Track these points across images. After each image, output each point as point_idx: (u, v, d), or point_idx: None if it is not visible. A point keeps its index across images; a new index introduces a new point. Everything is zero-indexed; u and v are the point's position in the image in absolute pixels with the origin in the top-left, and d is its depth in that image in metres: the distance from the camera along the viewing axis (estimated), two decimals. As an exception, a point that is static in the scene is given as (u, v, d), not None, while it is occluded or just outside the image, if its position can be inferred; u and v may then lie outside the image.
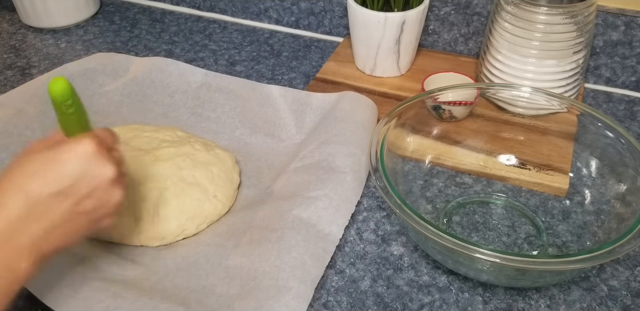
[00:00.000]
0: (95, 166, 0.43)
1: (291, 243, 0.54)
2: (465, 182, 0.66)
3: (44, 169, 0.41)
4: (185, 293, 0.52)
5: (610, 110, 0.76)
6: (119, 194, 0.45)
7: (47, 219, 0.41)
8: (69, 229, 0.43)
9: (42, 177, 0.41)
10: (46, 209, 0.41)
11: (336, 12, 0.87)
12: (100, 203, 0.44)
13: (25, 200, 0.40)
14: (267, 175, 0.66)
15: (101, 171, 0.43)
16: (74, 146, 0.42)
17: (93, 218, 0.44)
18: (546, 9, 0.65)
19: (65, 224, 0.42)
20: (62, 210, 0.42)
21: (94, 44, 0.88)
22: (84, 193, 0.42)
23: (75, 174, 0.42)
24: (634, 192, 0.55)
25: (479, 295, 0.54)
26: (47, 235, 0.42)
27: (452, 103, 0.65)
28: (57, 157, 0.42)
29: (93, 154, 0.42)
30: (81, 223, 0.44)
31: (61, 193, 0.41)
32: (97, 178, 0.43)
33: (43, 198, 0.41)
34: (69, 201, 0.42)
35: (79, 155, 0.42)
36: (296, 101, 0.70)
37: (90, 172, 0.42)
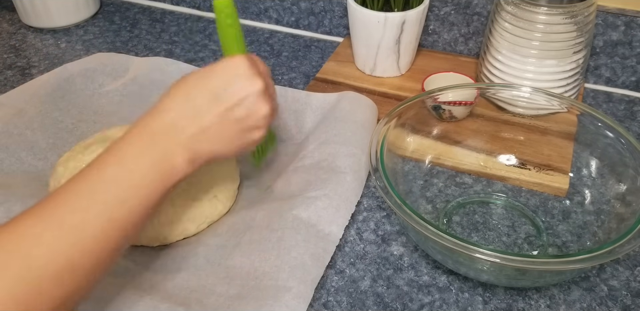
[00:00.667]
0: (246, 78, 0.48)
1: (291, 243, 0.54)
2: (465, 182, 0.66)
3: (202, 80, 0.48)
4: (185, 293, 0.52)
5: (610, 110, 0.76)
6: (267, 108, 0.49)
7: (204, 121, 0.47)
8: (222, 134, 0.48)
9: (201, 86, 0.47)
10: (203, 112, 0.47)
11: (336, 12, 0.87)
12: (250, 112, 0.48)
13: (186, 103, 0.46)
14: (267, 175, 0.66)
15: (251, 83, 0.48)
16: (228, 61, 0.48)
17: (243, 127, 0.49)
18: (546, 9, 0.65)
19: (218, 128, 0.47)
20: (215, 113, 0.47)
21: (94, 44, 0.88)
22: (234, 100, 0.47)
23: (229, 83, 0.47)
24: (634, 192, 0.55)
25: (479, 295, 0.54)
26: (201, 135, 0.47)
27: (452, 103, 0.65)
28: (214, 69, 0.48)
29: (245, 68, 0.48)
30: (233, 129, 0.48)
31: (216, 99, 0.47)
32: (247, 88, 0.48)
33: (201, 102, 0.47)
34: (221, 106, 0.47)
35: (232, 67, 0.48)
36: (296, 101, 0.70)
37: (241, 82, 0.48)
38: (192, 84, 0.48)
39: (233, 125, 0.48)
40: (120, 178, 0.43)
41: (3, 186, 0.61)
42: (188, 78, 0.48)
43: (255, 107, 0.48)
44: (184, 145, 0.46)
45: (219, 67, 0.48)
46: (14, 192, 0.60)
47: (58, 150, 0.67)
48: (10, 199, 0.59)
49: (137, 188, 0.43)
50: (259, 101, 0.48)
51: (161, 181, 0.44)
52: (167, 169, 0.45)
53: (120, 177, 0.43)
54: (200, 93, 0.47)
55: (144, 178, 0.43)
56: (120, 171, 0.43)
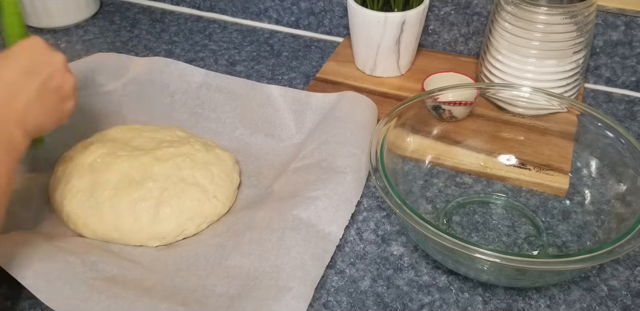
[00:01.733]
0: (47, 54, 0.52)
1: (291, 243, 0.54)
2: (465, 182, 0.66)
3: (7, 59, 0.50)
4: (185, 293, 0.52)
5: (610, 110, 0.76)
6: (72, 79, 0.54)
7: (23, 97, 0.49)
8: (44, 105, 0.51)
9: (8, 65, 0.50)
10: (21, 87, 0.49)
11: (336, 12, 0.87)
12: (60, 83, 0.53)
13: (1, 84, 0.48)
14: (267, 175, 0.66)
15: (53, 58, 0.53)
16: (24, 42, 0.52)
17: (60, 96, 0.53)
18: (546, 9, 0.65)
19: (40, 100, 0.50)
20: (33, 87, 0.50)
21: (94, 44, 0.88)
22: (45, 74, 0.51)
23: (34, 59, 0.51)
24: (634, 192, 0.55)
25: (479, 295, 0.54)
26: (28, 110, 0.49)
27: (452, 103, 0.65)
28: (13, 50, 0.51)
29: (42, 44, 0.52)
30: (52, 100, 0.52)
31: (28, 73, 0.50)
32: (51, 63, 0.52)
33: (15, 78, 0.49)
34: (36, 80, 0.50)
35: (31, 46, 0.52)
36: (296, 101, 0.70)
37: (45, 58, 0.52)
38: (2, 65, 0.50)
39: (51, 94, 0.52)
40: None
41: (3, 186, 0.60)
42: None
43: (63, 80, 0.53)
44: (16, 122, 0.48)
45: (18, 48, 0.51)
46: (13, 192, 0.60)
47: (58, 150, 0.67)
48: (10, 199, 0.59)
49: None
50: (64, 73, 0.53)
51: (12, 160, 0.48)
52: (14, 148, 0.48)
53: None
54: (12, 72, 0.49)
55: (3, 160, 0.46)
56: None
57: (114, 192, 0.58)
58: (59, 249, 0.54)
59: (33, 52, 0.51)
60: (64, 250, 0.54)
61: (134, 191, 0.59)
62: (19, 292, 0.51)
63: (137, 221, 0.58)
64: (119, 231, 0.58)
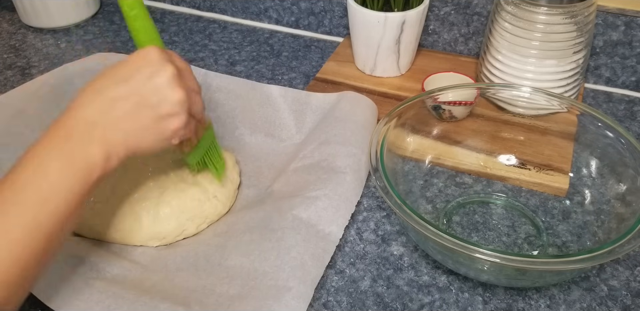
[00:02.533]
0: (156, 64, 0.46)
1: (291, 243, 0.54)
2: (465, 182, 0.66)
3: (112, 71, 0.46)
4: (185, 293, 0.52)
5: (610, 110, 0.76)
6: (182, 93, 0.47)
7: (112, 110, 0.44)
8: (134, 122, 0.45)
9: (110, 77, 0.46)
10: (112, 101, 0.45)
11: (336, 12, 0.87)
12: (163, 99, 0.46)
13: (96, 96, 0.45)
14: (267, 175, 0.66)
15: (162, 69, 0.46)
16: (140, 51, 0.47)
17: (159, 113, 0.46)
18: (546, 9, 0.65)
19: (130, 114, 0.45)
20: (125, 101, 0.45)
21: (94, 44, 0.88)
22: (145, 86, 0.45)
23: (137, 70, 0.46)
24: (634, 192, 0.55)
25: (479, 295, 0.54)
26: (113, 125, 0.44)
27: (452, 103, 0.65)
28: (124, 61, 0.47)
29: (153, 55, 0.46)
30: (146, 117, 0.46)
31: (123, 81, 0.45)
32: (157, 74, 0.46)
33: (109, 92, 0.45)
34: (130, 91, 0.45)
35: (141, 55, 0.46)
36: (296, 101, 0.70)
37: (151, 69, 0.46)
38: (102, 77, 0.46)
39: (146, 112, 0.46)
40: (37, 184, 0.42)
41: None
42: (101, 72, 0.47)
43: (168, 94, 0.46)
44: (98, 139, 0.44)
45: (129, 58, 0.47)
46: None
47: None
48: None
49: (56, 192, 0.42)
50: (170, 87, 0.46)
51: (79, 181, 0.43)
52: (83, 168, 0.43)
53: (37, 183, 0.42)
54: (110, 84, 0.45)
55: (60, 181, 0.42)
56: (36, 178, 0.42)
57: (113, 192, 0.59)
58: (59, 249, 0.54)
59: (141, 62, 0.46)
60: (64, 250, 0.54)
61: (134, 191, 0.59)
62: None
63: (137, 221, 0.58)
64: (119, 231, 0.58)
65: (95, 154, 0.43)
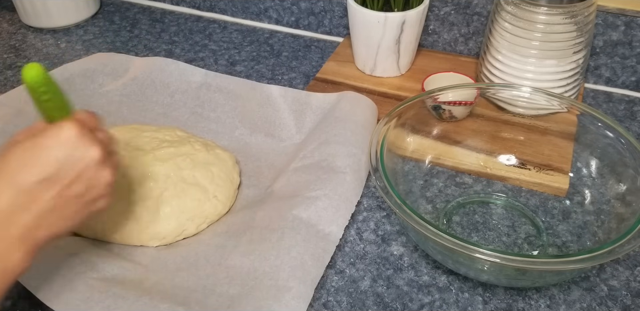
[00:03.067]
0: (79, 149, 0.42)
1: (291, 243, 0.54)
2: (465, 182, 0.66)
3: (27, 157, 0.41)
4: (185, 293, 0.52)
5: (610, 110, 0.76)
6: (109, 174, 0.44)
7: (36, 207, 0.41)
8: (62, 215, 0.43)
9: (27, 165, 0.41)
10: (34, 197, 0.41)
11: (336, 12, 0.87)
12: (90, 185, 0.43)
13: (12, 190, 0.40)
14: (267, 175, 0.66)
15: (86, 154, 0.42)
16: (55, 132, 0.42)
17: (86, 200, 0.44)
18: (546, 9, 0.65)
19: (57, 210, 0.42)
20: (50, 196, 0.41)
21: (94, 44, 0.88)
22: (71, 177, 0.42)
23: (60, 159, 0.41)
24: (634, 192, 0.55)
25: (479, 295, 0.54)
26: (38, 223, 0.41)
27: (452, 103, 0.65)
28: (40, 144, 0.41)
29: (76, 138, 0.42)
30: (74, 207, 0.43)
31: (47, 180, 0.41)
32: (82, 161, 0.42)
33: (29, 186, 0.40)
34: (56, 187, 0.41)
35: (61, 140, 0.42)
36: (296, 101, 0.70)
37: (75, 155, 0.42)
38: (16, 164, 0.41)
39: (74, 202, 0.43)
40: None
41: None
42: (9, 156, 0.41)
43: (96, 178, 0.43)
44: (19, 239, 0.40)
45: (46, 140, 0.41)
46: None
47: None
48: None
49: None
50: (97, 171, 0.43)
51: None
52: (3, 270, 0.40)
53: None
54: (28, 176, 0.40)
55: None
56: None
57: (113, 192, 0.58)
58: (59, 249, 0.54)
59: (64, 147, 0.41)
60: (64, 250, 0.54)
61: (134, 191, 0.59)
62: (19, 292, 0.51)
63: (137, 221, 0.58)
64: (119, 231, 0.58)
65: (17, 256, 0.40)
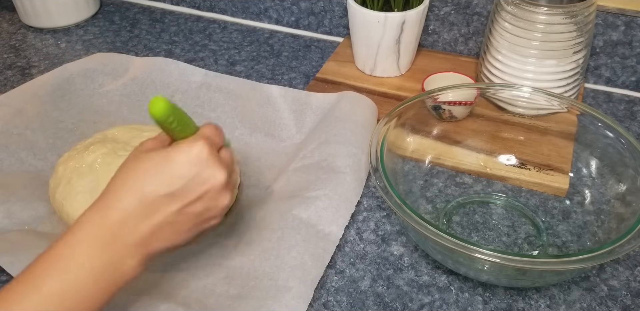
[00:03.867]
0: (208, 170, 0.43)
1: (291, 243, 0.54)
2: (465, 182, 0.66)
3: (157, 170, 0.42)
4: (185, 293, 0.52)
5: (610, 110, 0.76)
6: (228, 198, 0.46)
7: (156, 219, 0.42)
8: (176, 230, 0.44)
9: (155, 178, 0.42)
10: (157, 209, 0.42)
11: (336, 12, 0.87)
12: (209, 206, 0.44)
13: (138, 199, 0.42)
14: (267, 175, 0.66)
15: (213, 175, 0.44)
16: (188, 148, 0.43)
17: (202, 219, 0.45)
18: (546, 9, 0.65)
19: (173, 224, 0.43)
20: (171, 211, 0.43)
21: (94, 44, 0.88)
22: (195, 195, 0.43)
23: (188, 177, 0.42)
24: (634, 192, 0.55)
25: (479, 295, 0.54)
26: (154, 234, 0.42)
27: (452, 103, 0.65)
28: (172, 158, 0.43)
29: (206, 158, 0.43)
30: (190, 224, 0.44)
31: (173, 195, 0.42)
32: (208, 182, 0.43)
33: (155, 198, 0.42)
34: (179, 203, 0.43)
35: (193, 158, 0.43)
36: (296, 101, 0.70)
37: (203, 175, 0.43)
38: (145, 175, 0.42)
39: (190, 219, 0.44)
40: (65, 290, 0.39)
41: (3, 186, 0.61)
42: (139, 165, 0.43)
43: (216, 200, 0.45)
44: (135, 247, 0.42)
45: (176, 157, 0.43)
46: (13, 192, 0.60)
47: (58, 150, 0.67)
48: (10, 199, 0.59)
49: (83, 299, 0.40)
50: (219, 193, 0.44)
51: (109, 288, 0.41)
52: (116, 276, 0.41)
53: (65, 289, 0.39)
54: (154, 188, 0.42)
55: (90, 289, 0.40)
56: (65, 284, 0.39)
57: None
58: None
59: (194, 165, 0.43)
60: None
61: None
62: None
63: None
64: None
65: (131, 263, 0.42)
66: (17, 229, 0.57)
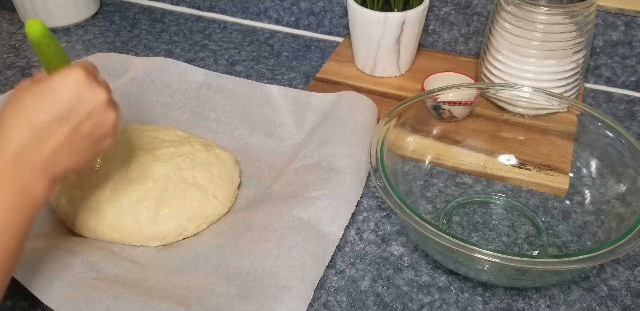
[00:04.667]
0: (89, 91, 0.46)
1: (291, 243, 0.54)
2: (465, 182, 0.66)
3: (42, 98, 0.44)
4: (185, 293, 0.52)
5: (610, 110, 0.76)
6: (114, 116, 0.48)
7: (53, 142, 0.45)
8: (74, 151, 0.46)
9: (42, 105, 0.44)
10: (51, 133, 0.44)
11: (336, 12, 0.87)
12: (98, 124, 0.47)
13: (30, 128, 0.44)
14: (267, 175, 0.66)
15: (95, 95, 0.46)
16: (65, 75, 0.45)
17: (95, 138, 0.48)
18: (546, 9, 0.65)
19: (70, 145, 0.46)
20: (65, 132, 0.45)
21: (94, 44, 0.88)
22: (82, 115, 0.46)
23: (72, 99, 0.45)
24: (634, 192, 0.55)
25: (479, 295, 0.54)
26: (55, 156, 0.45)
27: (452, 103, 0.65)
28: (53, 86, 0.45)
29: (85, 80, 0.46)
30: (84, 144, 0.47)
31: (62, 117, 0.45)
32: (92, 101, 0.46)
33: (46, 123, 0.44)
34: (70, 124, 0.45)
35: (72, 82, 0.45)
36: (296, 101, 0.70)
37: (85, 96, 0.46)
38: (30, 104, 0.44)
39: (84, 139, 0.47)
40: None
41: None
42: (23, 97, 0.45)
43: (103, 118, 0.47)
44: (40, 172, 0.44)
45: (56, 83, 0.45)
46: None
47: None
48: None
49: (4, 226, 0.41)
50: (104, 112, 0.47)
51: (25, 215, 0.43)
52: (29, 203, 0.43)
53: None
54: (42, 114, 0.44)
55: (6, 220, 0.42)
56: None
57: (113, 192, 0.58)
58: (59, 249, 0.54)
59: (74, 88, 0.45)
60: (64, 250, 0.54)
61: (134, 191, 0.59)
62: (18, 292, 0.51)
63: (137, 221, 0.58)
64: (119, 231, 0.58)
65: (40, 188, 0.44)
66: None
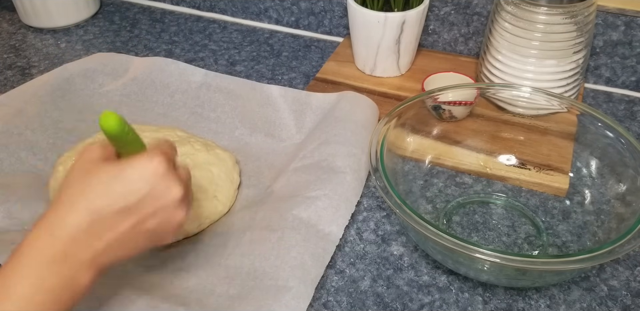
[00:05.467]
0: (164, 185, 0.42)
1: (291, 243, 0.54)
2: (465, 182, 0.66)
3: (112, 184, 0.41)
4: (185, 293, 0.52)
5: (610, 110, 0.76)
6: (183, 215, 0.44)
7: (109, 236, 0.41)
8: (130, 245, 0.43)
9: (109, 194, 0.41)
10: (110, 226, 0.41)
11: (336, 12, 0.87)
12: (164, 222, 0.43)
13: (89, 216, 0.40)
14: (267, 175, 0.66)
15: (169, 191, 0.42)
16: (146, 163, 0.42)
17: (154, 235, 0.44)
18: (546, 9, 0.65)
19: (127, 239, 0.42)
20: (125, 226, 0.41)
21: (94, 44, 0.88)
22: (150, 211, 0.42)
23: (144, 193, 0.41)
24: (634, 192, 0.55)
25: (479, 295, 0.54)
26: (108, 250, 0.41)
27: (452, 103, 0.65)
28: (126, 174, 0.41)
29: (164, 173, 0.42)
30: (143, 240, 0.43)
31: (126, 210, 0.41)
32: (164, 198, 0.42)
33: (107, 214, 0.40)
34: (132, 219, 0.41)
35: (150, 173, 0.42)
36: (296, 101, 0.70)
37: (158, 191, 0.42)
38: (98, 190, 0.41)
39: (144, 235, 0.43)
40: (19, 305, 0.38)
41: (3, 186, 0.61)
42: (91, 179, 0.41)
43: (171, 217, 0.43)
44: (88, 264, 0.40)
45: (130, 173, 0.41)
46: (14, 192, 0.60)
47: (58, 150, 0.67)
48: (10, 199, 0.59)
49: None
50: (174, 210, 0.43)
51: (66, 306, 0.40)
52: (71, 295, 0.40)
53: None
54: (109, 204, 0.40)
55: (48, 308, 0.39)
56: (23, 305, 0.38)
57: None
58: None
59: (149, 181, 0.41)
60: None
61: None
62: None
63: (137, 221, 0.58)
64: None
65: (85, 280, 0.41)
66: (16, 230, 0.57)
